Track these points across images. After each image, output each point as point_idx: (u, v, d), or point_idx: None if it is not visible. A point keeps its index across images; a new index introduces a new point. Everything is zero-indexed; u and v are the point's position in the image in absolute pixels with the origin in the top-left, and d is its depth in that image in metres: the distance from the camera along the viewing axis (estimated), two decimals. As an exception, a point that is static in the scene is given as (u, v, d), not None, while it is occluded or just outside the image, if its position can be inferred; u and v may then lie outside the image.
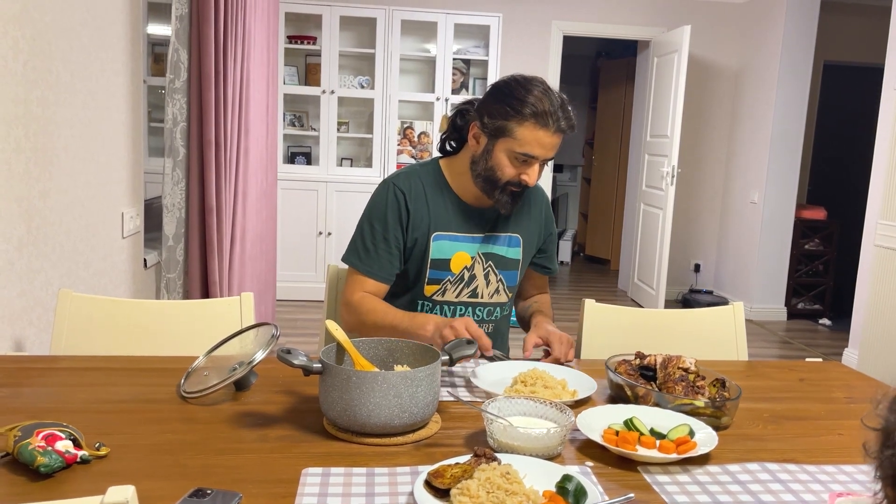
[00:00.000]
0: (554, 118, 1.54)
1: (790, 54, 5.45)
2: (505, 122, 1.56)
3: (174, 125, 2.80)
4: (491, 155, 1.60)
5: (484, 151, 1.62)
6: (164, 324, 1.76)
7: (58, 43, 1.95)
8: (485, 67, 5.58)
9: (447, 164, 1.75)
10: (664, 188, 5.46)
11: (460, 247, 1.70)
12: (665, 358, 1.43)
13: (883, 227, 3.70)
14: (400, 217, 1.67)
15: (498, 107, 1.58)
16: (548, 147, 1.57)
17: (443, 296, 1.70)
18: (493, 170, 1.60)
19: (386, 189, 1.70)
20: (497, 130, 1.58)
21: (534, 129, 1.54)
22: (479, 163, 1.63)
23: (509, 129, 1.56)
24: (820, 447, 1.25)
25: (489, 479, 0.96)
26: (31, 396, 1.31)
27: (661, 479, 1.09)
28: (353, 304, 1.67)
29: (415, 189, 1.69)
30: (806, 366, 1.76)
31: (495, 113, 1.58)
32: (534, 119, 1.54)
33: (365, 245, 1.68)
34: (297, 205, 5.34)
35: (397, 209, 1.67)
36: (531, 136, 1.55)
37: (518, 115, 1.54)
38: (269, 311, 3.79)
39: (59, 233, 2.00)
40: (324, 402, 1.20)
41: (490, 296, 1.74)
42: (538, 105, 1.54)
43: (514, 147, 1.57)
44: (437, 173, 1.73)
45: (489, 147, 1.60)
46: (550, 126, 1.54)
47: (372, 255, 1.67)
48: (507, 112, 1.56)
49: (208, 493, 0.95)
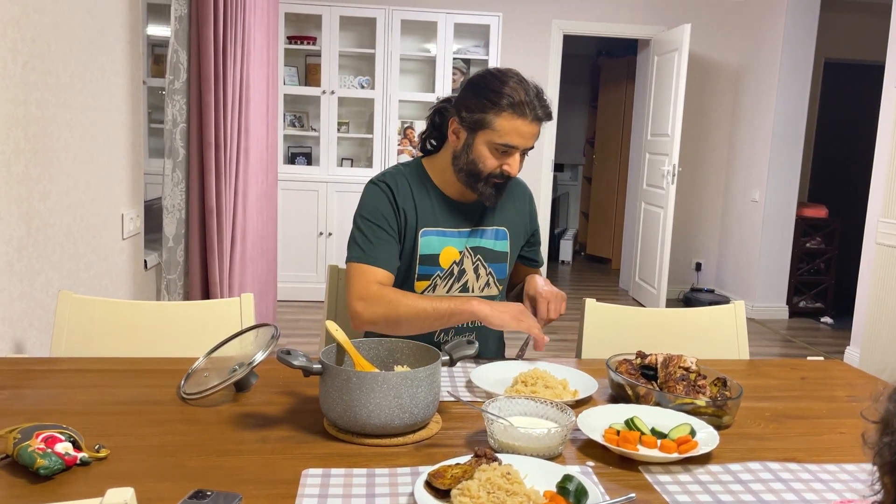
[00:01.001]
0: (531, 107, 1.57)
1: (791, 52, 5.44)
2: (483, 114, 1.59)
3: (174, 126, 2.80)
4: (472, 148, 1.62)
5: (464, 145, 1.64)
6: (165, 325, 1.76)
7: (57, 44, 1.94)
8: (485, 67, 5.56)
9: (429, 162, 1.76)
10: (665, 187, 5.46)
11: (448, 241, 1.70)
12: (666, 357, 1.43)
13: (884, 224, 3.70)
14: (392, 210, 1.68)
15: (475, 101, 1.60)
16: (527, 136, 1.60)
17: (433, 291, 1.70)
18: (474, 163, 1.63)
19: (373, 187, 1.72)
20: (476, 123, 1.60)
21: (512, 119, 1.57)
22: (461, 157, 1.65)
23: (488, 121, 1.58)
24: (822, 446, 1.25)
25: (490, 480, 0.96)
26: (30, 398, 1.31)
27: (662, 479, 1.09)
28: (373, 296, 1.59)
29: (401, 186, 1.70)
30: (807, 364, 1.76)
31: (473, 107, 1.60)
32: (511, 109, 1.57)
33: (366, 238, 1.66)
34: (297, 205, 5.34)
35: (388, 203, 1.68)
36: (510, 126, 1.57)
37: (495, 107, 1.57)
38: (269, 311, 3.79)
39: (60, 234, 2.00)
40: (324, 402, 1.20)
41: (481, 289, 1.74)
42: (514, 95, 1.56)
43: (493, 138, 1.59)
44: (421, 171, 1.75)
45: (469, 141, 1.63)
46: (528, 115, 1.57)
47: (375, 246, 1.65)
48: (485, 104, 1.58)
49: (208, 494, 0.95)
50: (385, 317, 1.57)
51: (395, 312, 1.56)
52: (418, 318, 1.55)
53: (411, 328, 1.57)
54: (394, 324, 1.57)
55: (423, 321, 1.56)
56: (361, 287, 1.61)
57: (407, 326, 1.56)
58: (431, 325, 1.57)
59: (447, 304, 1.55)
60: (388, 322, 1.57)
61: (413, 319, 1.55)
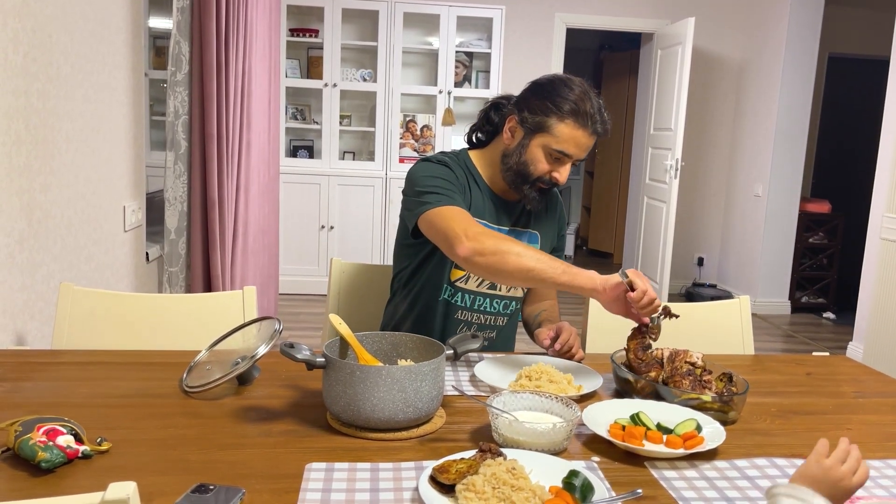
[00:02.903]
0: (593, 120, 1.58)
1: (795, 46, 5.42)
2: (545, 117, 1.58)
3: (176, 118, 2.79)
4: (526, 149, 1.62)
5: (519, 145, 1.63)
6: (166, 318, 1.76)
7: (58, 35, 1.93)
8: (487, 60, 5.55)
9: (477, 156, 1.76)
10: (667, 181, 5.44)
11: None
12: (672, 352, 1.42)
13: (889, 220, 3.68)
14: (456, 184, 1.63)
15: (539, 102, 1.60)
16: (582, 147, 1.60)
17: (465, 283, 1.69)
18: (526, 164, 1.62)
19: (431, 164, 1.65)
20: (536, 125, 1.60)
21: (573, 128, 1.57)
22: (513, 156, 1.64)
23: (549, 125, 1.58)
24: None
25: (495, 475, 0.95)
26: (32, 391, 1.30)
27: (668, 475, 1.08)
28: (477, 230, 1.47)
29: (456, 170, 1.68)
30: (813, 360, 1.75)
31: (536, 108, 1.60)
32: (574, 118, 1.57)
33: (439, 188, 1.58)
34: (299, 198, 5.33)
35: (451, 175, 1.64)
36: (570, 134, 1.57)
37: (559, 112, 1.57)
38: (271, 304, 3.78)
39: (61, 226, 1.99)
40: (327, 396, 1.19)
41: (508, 289, 1.74)
42: (580, 105, 1.56)
43: (550, 143, 1.59)
44: (469, 162, 1.74)
45: (525, 141, 1.62)
46: (588, 127, 1.58)
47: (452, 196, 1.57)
48: (549, 108, 1.58)
49: (211, 488, 0.94)
50: (496, 246, 1.43)
51: (508, 245, 1.44)
52: (529, 258, 1.42)
53: (520, 265, 1.42)
54: (504, 255, 1.42)
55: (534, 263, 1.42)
56: (467, 222, 1.49)
57: (516, 262, 1.42)
58: (541, 272, 1.42)
59: (560, 262, 1.45)
60: (500, 252, 1.43)
61: (524, 256, 1.42)
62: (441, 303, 1.70)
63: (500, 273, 1.46)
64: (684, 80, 5.22)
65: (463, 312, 1.71)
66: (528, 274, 1.43)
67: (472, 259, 1.45)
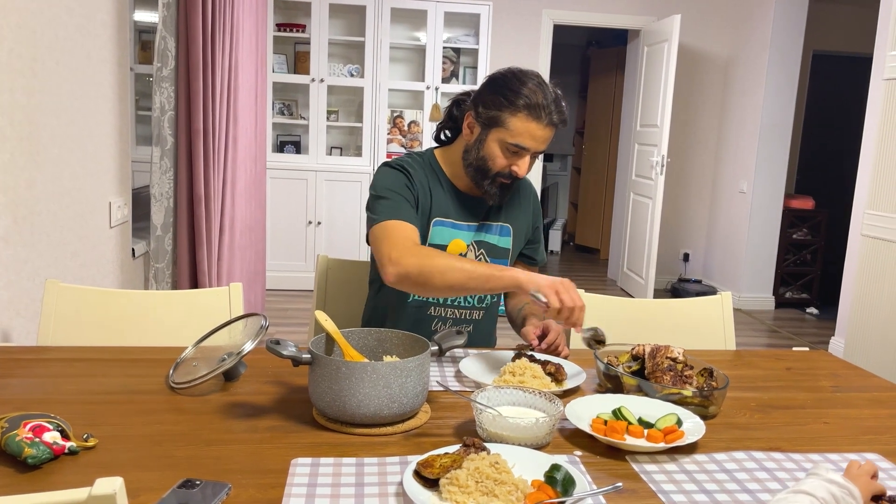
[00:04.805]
0: (547, 111, 1.57)
1: (779, 44, 5.46)
2: (498, 112, 1.58)
3: (162, 114, 2.78)
4: (483, 145, 1.62)
5: (477, 141, 1.63)
6: (153, 314, 1.76)
7: (43, 31, 1.92)
8: (475, 56, 5.56)
9: (442, 154, 1.76)
10: (654, 178, 5.48)
11: (457, 234, 1.70)
12: (653, 347, 1.44)
13: (870, 216, 3.72)
14: (409, 189, 1.65)
15: (492, 97, 1.60)
16: (539, 140, 1.59)
17: None
18: (484, 160, 1.62)
19: (389, 169, 1.68)
20: (490, 120, 1.60)
21: (526, 121, 1.56)
22: (472, 152, 1.64)
23: (502, 119, 1.58)
24: (805, 436, 1.26)
25: (478, 469, 0.97)
26: (18, 387, 1.30)
27: (648, 468, 1.10)
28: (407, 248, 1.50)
29: (416, 173, 1.69)
30: (793, 355, 1.78)
31: (490, 103, 1.60)
32: (527, 111, 1.56)
33: (389, 202, 1.60)
34: (286, 194, 5.32)
35: (405, 182, 1.65)
36: (523, 127, 1.57)
37: (511, 106, 1.57)
38: (258, 301, 3.78)
39: (46, 223, 1.99)
40: (313, 392, 1.20)
41: None
42: (532, 97, 1.56)
43: (506, 137, 1.58)
44: (433, 161, 1.74)
45: (482, 137, 1.62)
46: (543, 119, 1.57)
47: (400, 209, 1.59)
48: (501, 103, 1.58)
49: (197, 483, 0.95)
50: (420, 267, 1.46)
51: (431, 263, 1.46)
52: (453, 272, 1.45)
53: (445, 282, 1.45)
54: (428, 277, 1.45)
55: (459, 276, 1.45)
56: (394, 241, 1.52)
57: (441, 280, 1.45)
58: (466, 283, 1.46)
59: (485, 268, 1.47)
60: (423, 274, 1.46)
61: (448, 272, 1.45)
62: (412, 300, 1.71)
63: (429, 292, 1.52)
64: (670, 76, 5.25)
65: (436, 308, 1.72)
66: (456, 290, 1.49)
67: (399, 284, 1.50)
